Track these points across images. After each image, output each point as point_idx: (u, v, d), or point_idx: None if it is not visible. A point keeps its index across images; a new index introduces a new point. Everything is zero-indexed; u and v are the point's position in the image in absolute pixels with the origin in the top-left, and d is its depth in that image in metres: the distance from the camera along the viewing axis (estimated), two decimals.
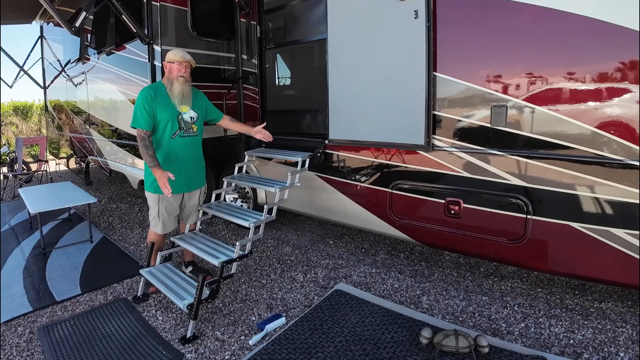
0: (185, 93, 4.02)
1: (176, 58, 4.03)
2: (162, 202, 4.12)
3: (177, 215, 4.35)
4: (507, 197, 3.59)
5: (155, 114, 3.90)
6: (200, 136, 4.25)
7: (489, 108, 3.53)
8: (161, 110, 3.92)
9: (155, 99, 3.91)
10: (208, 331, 3.61)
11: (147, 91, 3.94)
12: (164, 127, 3.96)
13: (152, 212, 4.20)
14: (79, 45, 7.83)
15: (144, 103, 3.86)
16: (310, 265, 4.89)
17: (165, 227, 4.23)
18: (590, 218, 3.23)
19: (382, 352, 3.16)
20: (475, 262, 4.82)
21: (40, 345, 3.50)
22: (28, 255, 5.50)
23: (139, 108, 3.87)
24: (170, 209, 4.18)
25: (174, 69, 4.02)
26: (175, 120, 3.98)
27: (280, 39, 5.68)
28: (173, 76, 4.02)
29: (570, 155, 3.21)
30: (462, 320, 3.67)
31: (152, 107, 3.88)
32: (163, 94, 3.99)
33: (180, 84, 4.00)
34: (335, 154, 4.78)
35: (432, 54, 3.78)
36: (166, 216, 4.18)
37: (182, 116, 4.03)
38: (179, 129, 4.01)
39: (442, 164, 3.90)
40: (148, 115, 3.86)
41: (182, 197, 4.26)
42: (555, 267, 3.55)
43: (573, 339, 3.34)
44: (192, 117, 4.11)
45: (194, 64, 4.15)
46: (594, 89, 3.06)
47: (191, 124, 4.10)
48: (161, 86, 4.06)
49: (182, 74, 4.01)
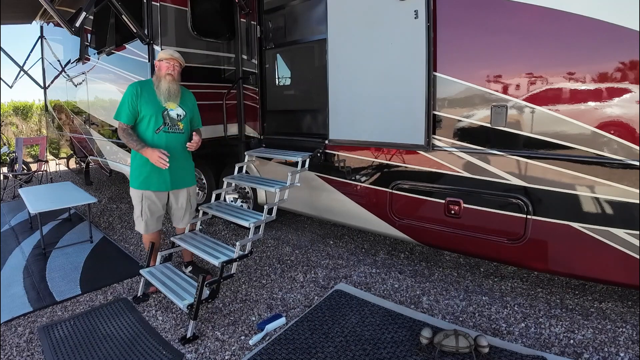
0: (172, 91, 4.03)
1: (164, 56, 4.06)
2: (145, 200, 4.10)
3: (162, 217, 4.32)
4: (507, 197, 3.60)
5: (139, 108, 3.95)
6: (187, 134, 4.21)
7: (489, 108, 3.54)
8: (146, 105, 3.95)
9: (141, 95, 3.96)
10: (208, 331, 3.61)
11: (134, 87, 4.00)
12: (147, 122, 3.98)
13: (136, 210, 4.18)
14: (79, 46, 7.83)
15: (129, 98, 3.93)
16: (311, 266, 4.89)
17: (147, 228, 4.20)
18: (590, 218, 3.23)
19: (382, 352, 3.16)
20: (476, 262, 4.82)
21: (40, 345, 3.49)
22: (28, 255, 5.50)
23: (124, 102, 3.95)
24: (153, 208, 4.16)
25: (162, 67, 4.04)
26: (160, 115, 3.99)
27: (280, 39, 5.68)
28: (161, 74, 4.03)
29: (571, 155, 3.21)
30: (462, 320, 3.67)
31: (136, 102, 3.93)
32: (150, 90, 4.02)
33: (168, 82, 4.01)
34: (335, 154, 4.79)
35: (432, 53, 3.78)
36: (149, 215, 4.15)
37: (168, 112, 4.04)
38: (164, 124, 4.01)
39: (442, 164, 3.91)
40: (130, 110, 3.93)
41: (166, 196, 4.24)
42: (556, 267, 3.56)
43: (573, 339, 3.34)
44: (179, 114, 4.11)
45: (183, 62, 4.15)
46: (594, 89, 3.06)
47: (177, 121, 4.09)
48: (150, 83, 4.10)
49: (169, 71, 4.02)
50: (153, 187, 4.06)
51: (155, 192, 4.10)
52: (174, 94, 4.06)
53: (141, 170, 4.02)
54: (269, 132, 5.82)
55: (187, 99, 4.26)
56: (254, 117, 5.90)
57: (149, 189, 4.06)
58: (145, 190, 4.06)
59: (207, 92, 5.72)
